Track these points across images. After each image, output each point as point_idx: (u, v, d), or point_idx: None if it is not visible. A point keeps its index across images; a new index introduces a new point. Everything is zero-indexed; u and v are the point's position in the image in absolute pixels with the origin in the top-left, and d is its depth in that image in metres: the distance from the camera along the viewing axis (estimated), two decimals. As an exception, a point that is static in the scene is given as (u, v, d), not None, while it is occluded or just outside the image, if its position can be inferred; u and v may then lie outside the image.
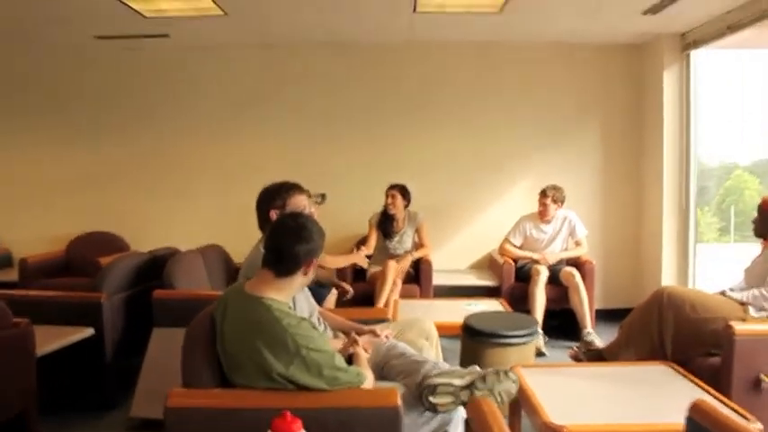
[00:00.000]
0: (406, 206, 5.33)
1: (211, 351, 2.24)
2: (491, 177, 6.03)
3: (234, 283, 4.28)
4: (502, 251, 5.44)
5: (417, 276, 5.31)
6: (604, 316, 5.44)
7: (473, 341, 3.64)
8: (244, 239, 4.77)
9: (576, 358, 3.81)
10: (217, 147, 6.12)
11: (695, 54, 5.36)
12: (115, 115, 6.15)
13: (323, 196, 4.68)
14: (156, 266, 4.39)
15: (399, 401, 2.05)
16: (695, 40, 5.21)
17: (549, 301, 5.07)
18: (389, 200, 5.27)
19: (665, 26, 5.14)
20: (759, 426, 2.31)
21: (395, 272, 5.00)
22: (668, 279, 5.45)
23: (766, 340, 2.91)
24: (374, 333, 2.80)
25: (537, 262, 5.19)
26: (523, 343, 3.64)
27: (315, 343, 2.09)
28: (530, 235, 5.39)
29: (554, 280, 5.14)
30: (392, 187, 5.31)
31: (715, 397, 2.64)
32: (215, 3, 4.45)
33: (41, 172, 6.22)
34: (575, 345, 4.87)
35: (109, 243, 5.90)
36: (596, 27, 5.32)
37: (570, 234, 5.36)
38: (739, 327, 2.90)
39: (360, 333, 2.78)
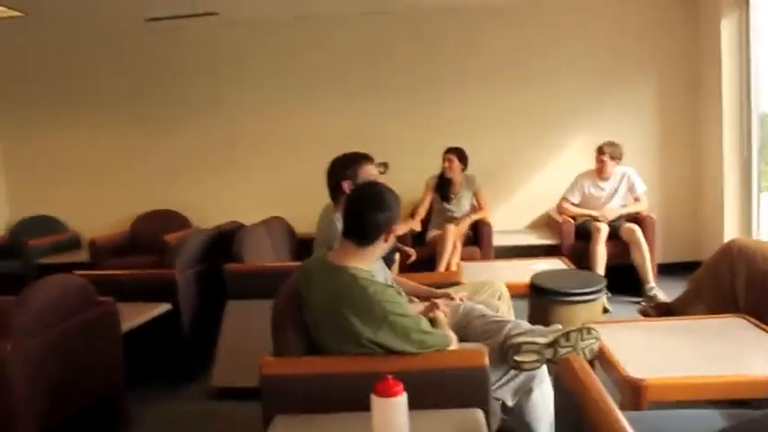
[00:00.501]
0: (464, 169, 5.36)
1: (299, 321, 2.33)
2: (545, 135, 6.02)
3: (300, 252, 4.45)
4: (560, 210, 5.44)
5: (477, 238, 5.35)
6: (665, 270, 5.40)
7: (541, 300, 3.69)
8: (303, 209, 4.95)
9: (645, 313, 3.82)
10: (270, 121, 6.24)
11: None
12: (171, 96, 6.30)
13: (385, 165, 4.72)
14: (223, 241, 4.55)
15: (487, 361, 2.12)
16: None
17: (609, 257, 5.07)
18: (446, 164, 5.30)
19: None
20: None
21: (454, 235, 5.05)
22: (731, 231, 5.38)
23: None
24: (449, 296, 2.86)
25: (596, 219, 5.19)
26: (591, 300, 3.68)
27: (401, 308, 2.17)
28: (588, 192, 5.37)
29: (614, 236, 5.13)
30: (449, 151, 5.34)
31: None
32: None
33: (101, 155, 6.44)
34: (637, 300, 4.92)
35: (172, 220, 6.11)
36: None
37: (629, 190, 5.33)
38: (817, 276, 2.89)
39: (434, 297, 2.85)
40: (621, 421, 1.45)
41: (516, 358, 2.26)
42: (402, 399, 1.70)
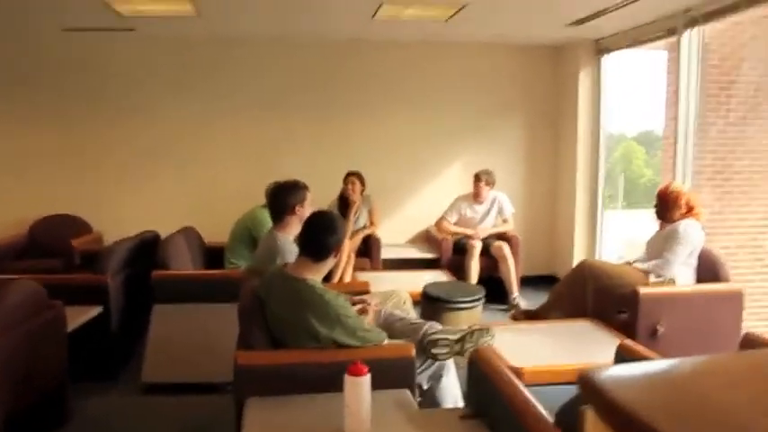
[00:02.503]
0: (362, 191, 6.04)
1: (262, 321, 2.89)
2: (427, 161, 6.89)
3: (210, 261, 4.90)
4: (440, 228, 6.25)
5: (367, 251, 6.05)
6: (526, 282, 6.38)
7: (432, 306, 4.44)
8: (210, 220, 5.43)
9: (515, 318, 4.70)
10: (181, 133, 6.60)
11: (607, 57, 6.38)
12: (77, 101, 6.45)
13: None
14: (143, 249, 4.93)
15: (414, 353, 2.81)
16: (608, 47, 6.25)
17: (481, 270, 5.95)
18: (350, 186, 5.94)
19: (582, 34, 6.07)
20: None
21: (349, 248, 5.71)
22: (579, 249, 6.52)
23: (662, 300, 3.87)
24: (367, 302, 3.52)
25: (471, 237, 6.06)
26: (473, 307, 4.49)
27: (349, 311, 2.81)
28: (464, 214, 6.23)
29: (485, 252, 6.02)
30: (351, 174, 5.99)
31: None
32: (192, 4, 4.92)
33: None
34: (503, 307, 5.83)
35: (72, 225, 6.27)
36: (523, 33, 6.18)
37: (499, 212, 6.25)
38: (642, 290, 3.83)
39: (353, 303, 3.49)
40: (523, 390, 2.19)
41: (433, 351, 2.97)
42: (368, 377, 2.33)
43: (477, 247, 5.93)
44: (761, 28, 5.77)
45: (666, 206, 4.27)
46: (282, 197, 3.70)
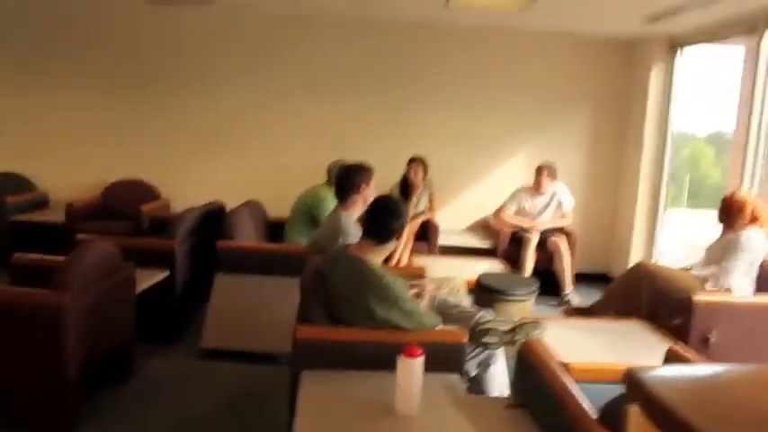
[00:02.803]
0: (425, 177, 6.14)
1: (322, 296, 3.03)
2: (490, 150, 6.93)
3: (272, 234, 5.04)
4: (498, 218, 6.29)
5: (425, 235, 6.14)
6: (579, 278, 6.35)
7: (484, 296, 4.52)
8: (274, 195, 5.61)
9: (568, 313, 4.75)
10: (249, 110, 6.79)
11: (680, 53, 6.28)
12: (154, 72, 6.72)
13: None
14: (209, 219, 5.16)
15: (466, 340, 2.91)
16: (682, 42, 6.14)
17: (536, 262, 5.99)
18: (413, 171, 6.06)
19: (656, 29, 5.98)
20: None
21: (408, 232, 5.83)
22: (636, 248, 6.46)
23: (717, 308, 3.85)
24: (422, 288, 3.63)
25: (528, 229, 6.08)
26: (526, 299, 4.56)
27: (406, 294, 2.92)
28: (524, 205, 6.25)
29: (541, 245, 6.04)
30: (415, 160, 6.11)
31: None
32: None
33: (77, 120, 6.77)
34: (554, 302, 5.86)
35: (142, 191, 6.57)
36: (597, 26, 6.13)
37: (558, 206, 6.26)
38: (697, 297, 3.83)
39: (410, 287, 3.61)
40: (570, 384, 2.27)
41: (483, 339, 3.06)
42: (421, 359, 2.45)
43: (534, 239, 5.97)
44: None
45: (731, 213, 4.23)
46: (349, 176, 3.83)
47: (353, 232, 3.66)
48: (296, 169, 6.38)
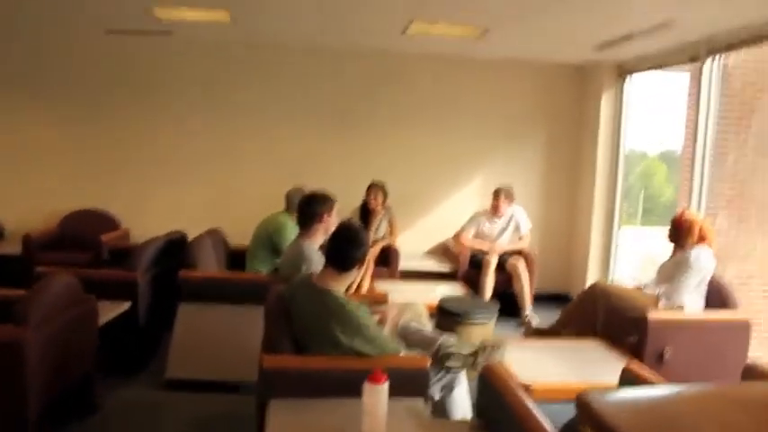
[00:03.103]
0: (384, 202, 6.24)
1: (287, 325, 3.09)
2: (448, 175, 7.09)
3: (233, 262, 5.08)
4: (458, 241, 6.42)
5: (386, 260, 6.23)
6: (538, 299, 6.50)
7: (446, 320, 4.61)
8: (234, 223, 5.63)
9: (527, 335, 4.86)
10: (207, 137, 6.84)
11: (629, 78, 6.56)
12: (112, 100, 6.71)
13: None
14: (171, 248, 5.16)
15: (428, 365, 3.00)
16: (630, 69, 6.41)
17: (495, 284, 6.11)
18: (373, 196, 6.17)
19: (606, 56, 6.23)
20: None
21: (370, 256, 5.90)
22: (594, 268, 6.66)
23: (670, 325, 4.02)
24: (384, 313, 3.71)
25: (487, 252, 6.22)
26: (487, 322, 4.66)
27: (368, 321, 3.00)
28: (482, 228, 6.39)
29: (500, 267, 6.18)
30: (375, 185, 6.22)
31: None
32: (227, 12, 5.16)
33: (33, 149, 6.71)
34: (515, 322, 5.99)
35: (102, 221, 6.54)
36: (549, 54, 6.35)
37: (516, 228, 6.42)
38: (651, 315, 3.99)
39: (372, 313, 3.68)
40: (531, 405, 2.37)
41: (447, 363, 3.15)
42: (386, 386, 2.52)
43: (493, 262, 6.10)
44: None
45: (680, 233, 4.41)
46: (312, 206, 3.89)
47: (316, 260, 3.72)
48: (255, 197, 6.43)
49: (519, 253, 6.33)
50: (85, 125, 6.74)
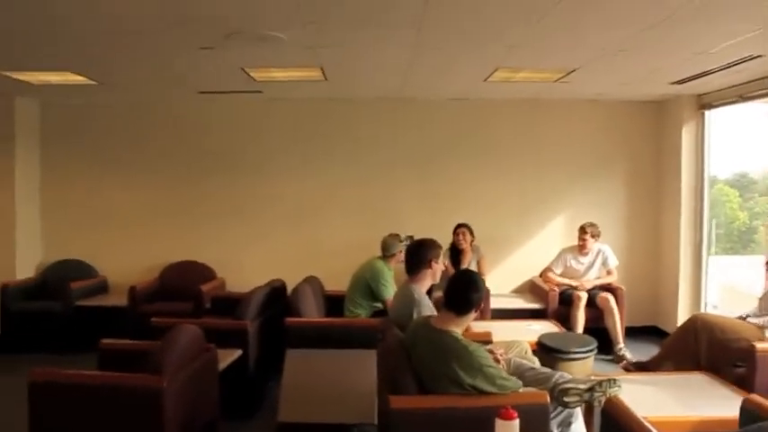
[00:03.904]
0: (472, 242, 6.43)
1: (409, 368, 3.27)
2: (532, 215, 7.24)
3: (330, 308, 5.26)
4: (545, 279, 6.53)
5: (477, 300, 6.35)
6: (628, 332, 6.49)
7: (547, 356, 4.71)
8: (324, 270, 5.87)
9: (627, 369, 4.92)
10: (294, 188, 7.19)
11: (709, 113, 6.60)
12: (203, 157, 7.18)
13: (411, 238, 5.77)
14: (273, 296, 5.44)
15: (548, 400, 3.13)
16: (710, 103, 6.48)
17: (586, 321, 6.17)
18: (460, 237, 6.39)
19: (684, 89, 6.31)
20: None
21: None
22: (684, 299, 6.65)
23: (780, 355, 4.05)
24: (494, 352, 3.86)
25: (576, 288, 6.30)
26: (586, 357, 4.75)
27: (489, 361, 3.16)
28: (569, 265, 6.49)
29: (590, 303, 6.23)
30: (461, 226, 6.46)
31: (741, 396, 3.75)
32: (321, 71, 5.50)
33: (132, 207, 7.21)
34: (608, 358, 6.01)
35: (199, 272, 6.90)
36: (627, 90, 6.48)
37: (603, 264, 6.48)
38: (760, 345, 4.03)
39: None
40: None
41: (564, 399, 3.27)
42: (517, 421, 2.67)
43: (583, 298, 6.16)
44: None
45: (784, 262, 4.45)
46: (422, 252, 4.08)
47: (426, 304, 3.92)
48: (345, 245, 6.76)
49: (608, 288, 6.38)
50: (181, 182, 7.20)
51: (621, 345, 6.09)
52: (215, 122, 7.17)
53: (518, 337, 4.88)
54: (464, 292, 3.24)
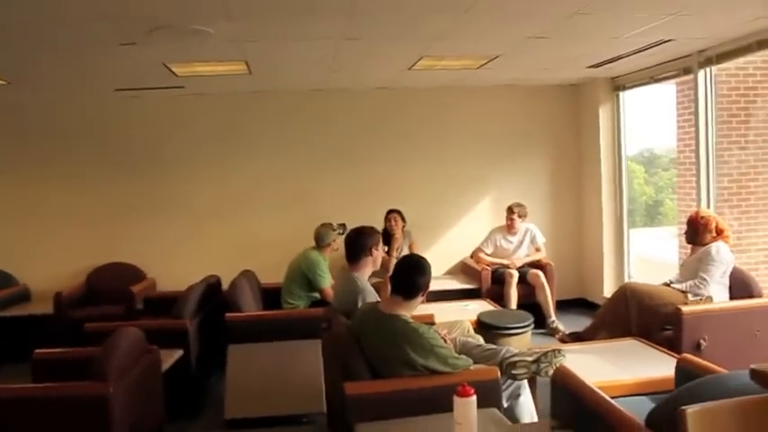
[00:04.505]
0: (403, 227, 6.50)
1: (360, 354, 3.29)
2: (459, 198, 7.39)
3: (267, 301, 5.24)
4: (477, 259, 6.70)
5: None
6: (558, 306, 6.74)
7: (486, 332, 4.82)
8: (261, 263, 5.81)
9: (564, 340, 5.11)
10: (218, 185, 7.09)
11: (623, 94, 6.94)
12: (124, 156, 6.95)
13: (343, 226, 5.77)
14: (210, 293, 5.35)
15: (499, 376, 3.23)
16: (624, 84, 6.79)
17: (518, 297, 6.36)
18: (392, 222, 6.45)
19: (600, 72, 6.57)
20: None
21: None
22: (609, 270, 6.95)
23: (703, 316, 4.29)
24: (439, 334, 3.93)
25: (507, 267, 6.49)
26: (524, 332, 4.91)
27: (439, 342, 3.22)
28: (499, 245, 6.68)
29: (522, 280, 6.43)
30: (392, 211, 6.52)
31: (671, 356, 3.97)
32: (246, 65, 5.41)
33: (50, 210, 6.91)
34: (542, 331, 6.22)
35: (127, 273, 6.69)
36: (546, 74, 6.68)
37: (531, 242, 6.70)
38: (685, 309, 4.26)
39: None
40: (611, 401, 2.60)
41: (512, 372, 3.38)
42: (474, 398, 2.73)
43: (515, 275, 6.36)
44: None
45: (697, 231, 4.72)
46: (361, 240, 4.09)
47: (370, 290, 3.96)
48: (276, 237, 6.74)
49: (537, 265, 6.60)
50: (102, 182, 6.95)
51: (554, 318, 6.32)
52: (135, 119, 6.95)
53: (456, 318, 5.01)
54: (411, 275, 3.28)
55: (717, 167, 5.69)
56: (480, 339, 4.02)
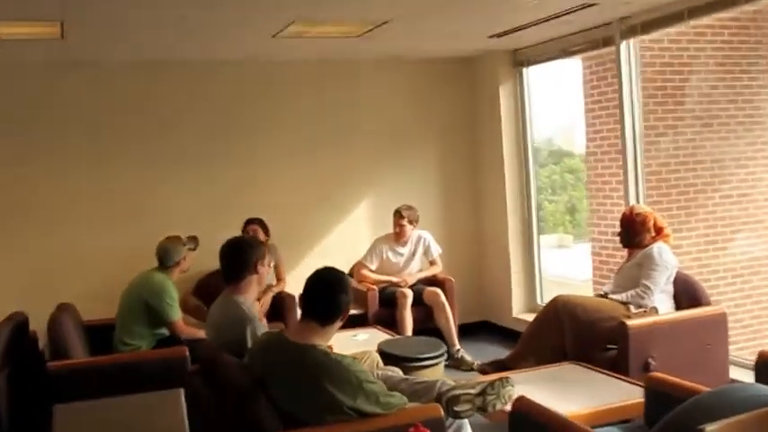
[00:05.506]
0: (267, 240, 6.43)
1: (267, 401, 3.26)
2: (334, 200, 7.44)
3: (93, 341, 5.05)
4: (360, 277, 6.72)
5: (279, 312, 6.39)
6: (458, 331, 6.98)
7: (395, 366, 4.91)
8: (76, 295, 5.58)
9: (484, 371, 5.29)
10: (9, 198, 6.57)
11: (527, 70, 7.33)
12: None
13: (195, 240, 5.65)
14: (17, 336, 5.02)
15: (442, 413, 3.33)
16: (528, 59, 7.19)
17: (414, 321, 6.48)
18: (251, 234, 6.31)
19: (499, 44, 6.90)
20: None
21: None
22: (518, 287, 7.28)
23: (651, 330, 4.64)
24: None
25: (398, 285, 6.62)
26: (436, 362, 5.07)
27: (368, 376, 3.25)
28: (386, 258, 6.78)
29: (417, 301, 6.57)
30: (252, 222, 6.41)
31: (621, 380, 4.27)
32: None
33: None
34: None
35: None
36: (439, 47, 6.94)
37: (425, 253, 6.88)
38: (631, 323, 4.59)
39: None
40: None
41: (455, 408, 3.48)
42: (431, 439, 2.83)
43: (409, 295, 6.49)
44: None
45: (634, 231, 5.08)
46: (241, 255, 4.05)
47: (258, 316, 3.93)
48: (99, 258, 6.43)
49: (434, 282, 6.79)
50: None
51: (458, 346, 6.51)
52: None
53: (344, 351, 5.09)
54: (329, 295, 3.31)
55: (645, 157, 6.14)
56: (399, 372, 4.11)
